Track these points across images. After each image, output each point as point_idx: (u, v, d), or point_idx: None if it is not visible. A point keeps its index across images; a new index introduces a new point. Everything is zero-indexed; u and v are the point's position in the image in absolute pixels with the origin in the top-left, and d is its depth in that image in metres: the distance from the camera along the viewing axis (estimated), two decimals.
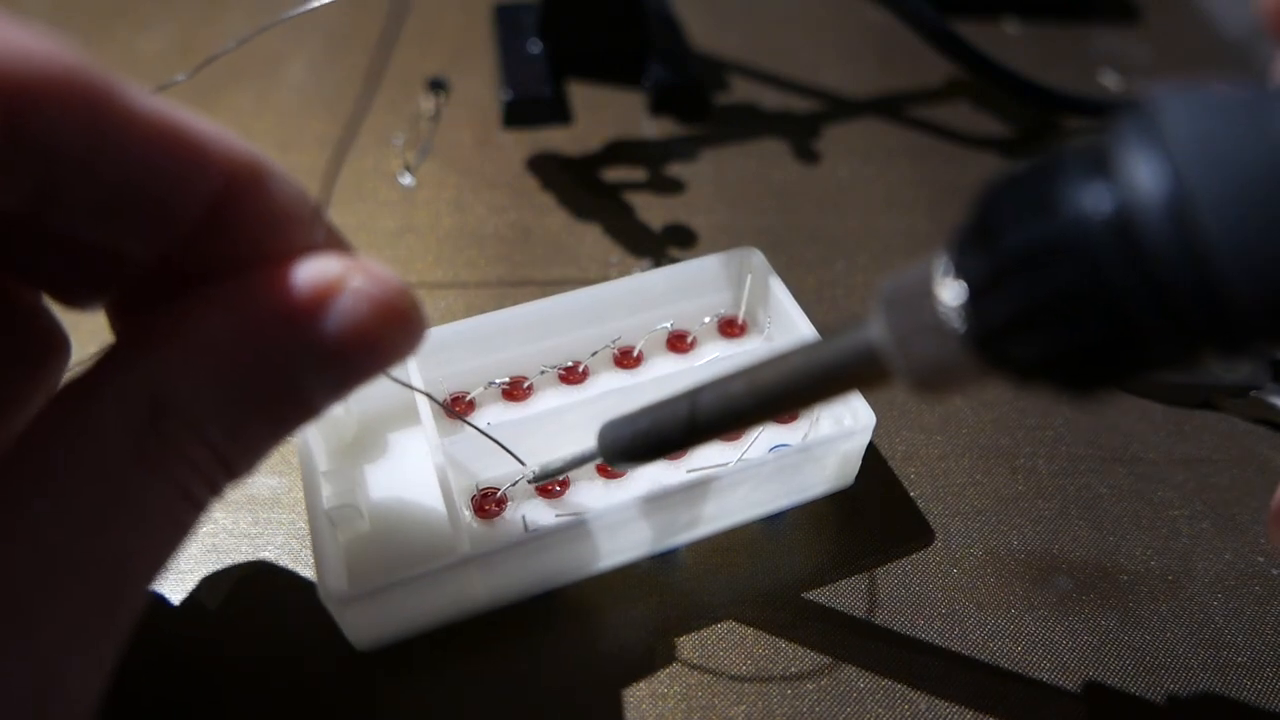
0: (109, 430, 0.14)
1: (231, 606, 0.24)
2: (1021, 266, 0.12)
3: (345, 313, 0.15)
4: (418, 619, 0.23)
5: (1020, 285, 0.12)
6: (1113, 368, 0.12)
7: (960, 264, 0.13)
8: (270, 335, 0.15)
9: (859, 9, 0.48)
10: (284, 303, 0.15)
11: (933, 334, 0.14)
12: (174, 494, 0.15)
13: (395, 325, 0.16)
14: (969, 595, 0.25)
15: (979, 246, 0.13)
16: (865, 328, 0.15)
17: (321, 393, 0.16)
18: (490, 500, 0.26)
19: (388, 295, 0.16)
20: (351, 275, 0.16)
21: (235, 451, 0.15)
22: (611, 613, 0.25)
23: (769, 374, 0.17)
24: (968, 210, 0.13)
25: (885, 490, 0.28)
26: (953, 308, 0.13)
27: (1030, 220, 0.12)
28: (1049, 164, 0.12)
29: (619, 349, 0.30)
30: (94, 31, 0.44)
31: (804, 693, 0.23)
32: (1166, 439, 0.30)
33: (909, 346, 0.14)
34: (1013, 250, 0.12)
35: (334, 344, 0.15)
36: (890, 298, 0.15)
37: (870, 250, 0.36)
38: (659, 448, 0.20)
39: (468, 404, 0.28)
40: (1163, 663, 0.24)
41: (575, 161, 0.39)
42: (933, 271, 0.14)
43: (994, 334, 0.13)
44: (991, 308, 0.13)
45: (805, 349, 0.17)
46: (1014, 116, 0.43)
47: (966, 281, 0.13)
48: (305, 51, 0.44)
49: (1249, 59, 0.48)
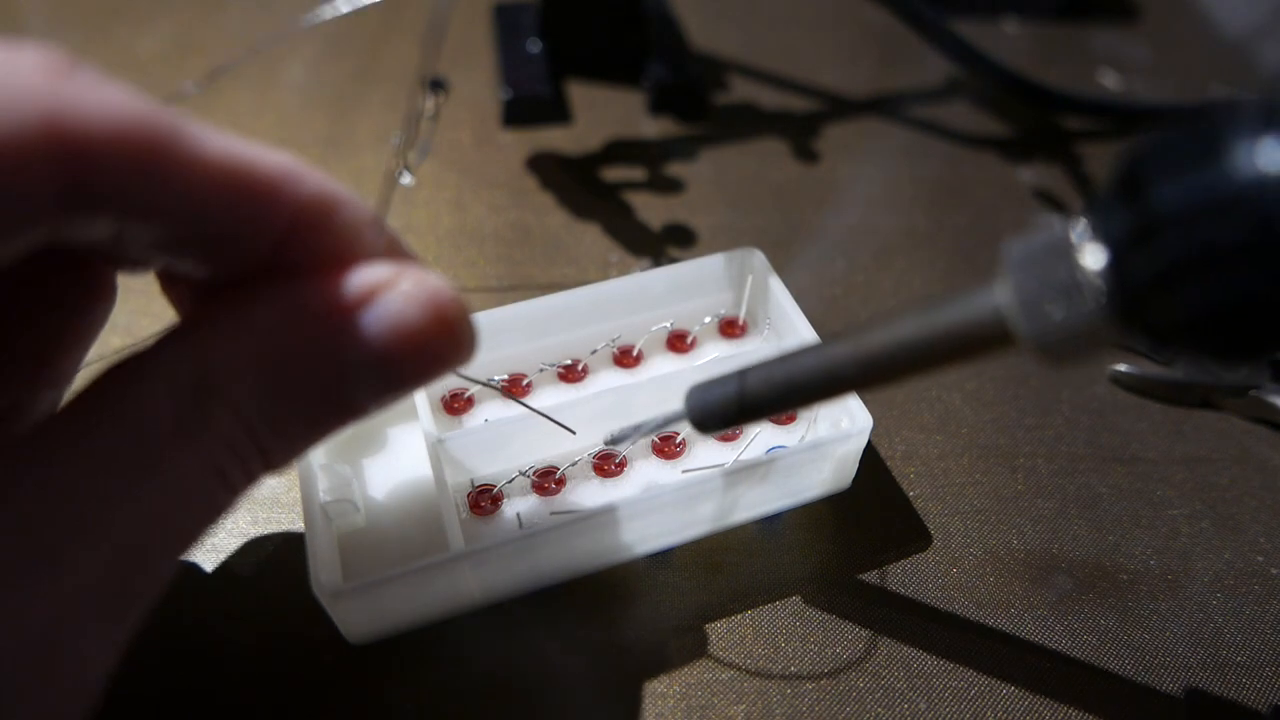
0: (152, 401, 0.14)
1: (228, 601, 0.24)
2: (1178, 222, 0.12)
3: (390, 313, 0.16)
4: (412, 614, 0.23)
5: (1175, 241, 0.12)
6: (1271, 328, 0.12)
7: (1102, 223, 0.13)
8: (315, 327, 0.16)
9: (859, 9, 0.48)
10: (332, 299, 0.16)
11: (1066, 296, 0.13)
12: (208, 471, 0.15)
13: (442, 332, 0.16)
14: (968, 595, 0.25)
15: (1126, 204, 0.13)
16: (987, 292, 0.15)
17: (364, 392, 0.16)
18: (486, 497, 0.26)
19: (436, 300, 0.16)
20: (402, 279, 0.16)
21: (273, 440, 0.16)
22: (608, 612, 0.24)
23: (876, 339, 0.16)
24: (1111, 171, 0.13)
25: (884, 490, 0.28)
26: (1093, 268, 0.13)
27: (1191, 176, 0.12)
28: (1212, 121, 0.12)
29: (619, 348, 0.30)
30: (93, 31, 0.44)
31: (804, 693, 0.23)
32: (1166, 439, 0.30)
33: (1039, 310, 0.14)
34: (1168, 206, 0.12)
35: (377, 342, 0.16)
36: (1018, 260, 0.14)
37: (870, 250, 0.36)
38: (750, 411, 0.19)
39: (467, 400, 0.28)
40: (1162, 662, 0.24)
41: (575, 161, 0.39)
42: (1067, 232, 0.13)
43: (1139, 292, 0.12)
44: (1139, 265, 0.12)
45: (918, 314, 0.16)
46: (1014, 116, 0.43)
47: (1109, 241, 0.13)
48: (305, 51, 0.44)
49: (1248, 59, 0.48)
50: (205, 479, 0.15)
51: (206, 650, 0.23)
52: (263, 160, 0.15)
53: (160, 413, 0.14)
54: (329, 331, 0.16)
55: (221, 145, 0.14)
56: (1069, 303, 0.13)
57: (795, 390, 0.18)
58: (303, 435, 0.16)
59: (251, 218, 0.15)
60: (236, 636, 0.23)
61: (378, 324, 0.16)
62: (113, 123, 0.13)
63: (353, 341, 0.16)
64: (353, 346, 0.16)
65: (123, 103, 0.13)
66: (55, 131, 0.12)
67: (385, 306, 0.16)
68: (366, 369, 0.16)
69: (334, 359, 0.16)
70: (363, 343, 0.16)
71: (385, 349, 0.16)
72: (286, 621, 0.24)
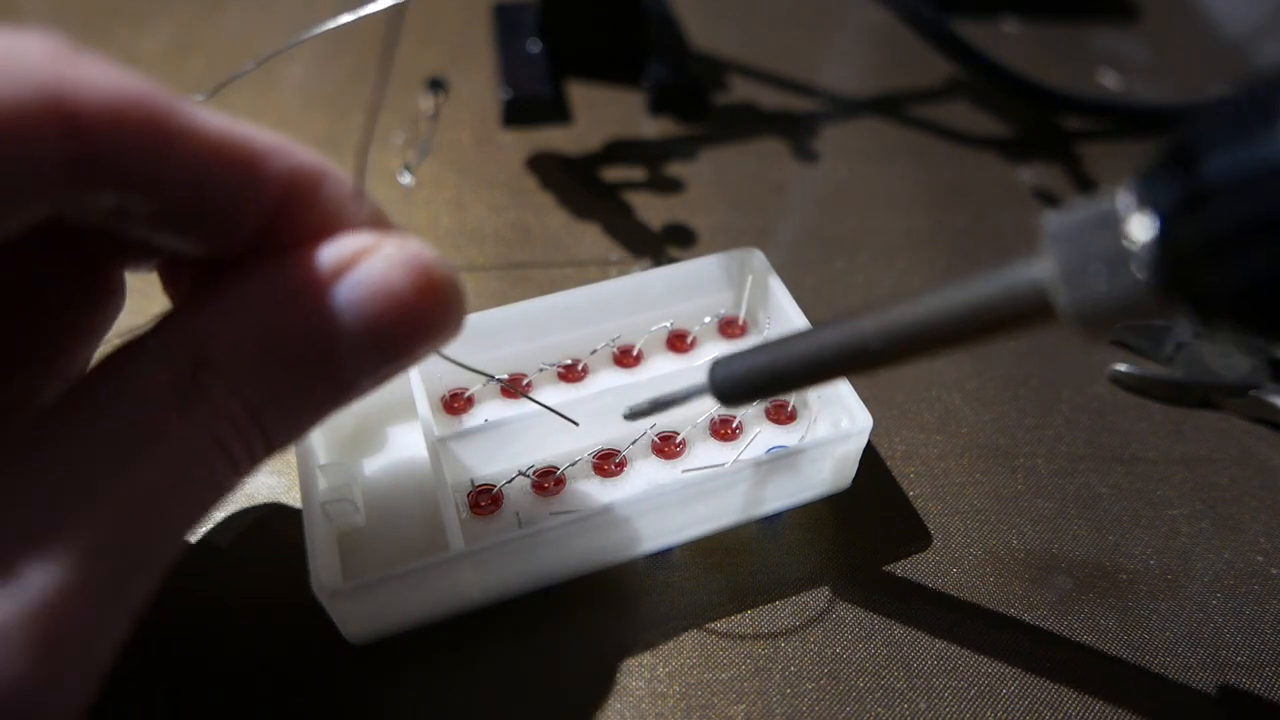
0: (152, 378, 0.15)
1: (227, 601, 0.24)
2: (1231, 191, 0.12)
3: (371, 277, 0.16)
4: (411, 614, 0.23)
5: (1227, 210, 0.12)
6: None
7: (1150, 192, 0.13)
8: (299, 297, 0.16)
9: (859, 9, 0.48)
10: (314, 268, 0.16)
11: (1110, 267, 0.13)
12: (209, 446, 0.15)
13: (428, 295, 0.16)
14: (968, 595, 0.25)
15: (1176, 174, 0.13)
16: (1026, 266, 0.15)
17: (356, 364, 0.16)
18: (485, 496, 0.26)
19: (419, 262, 0.16)
20: (383, 244, 0.16)
21: (272, 416, 0.16)
22: (608, 611, 0.24)
23: (906, 314, 0.16)
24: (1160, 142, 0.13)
25: (884, 489, 0.28)
26: (1141, 238, 0.13)
27: (1244, 145, 0.12)
28: (1264, 90, 0.12)
29: (619, 348, 0.30)
30: (92, 30, 0.44)
31: (804, 692, 0.23)
32: (1166, 438, 0.30)
33: (1082, 281, 0.14)
34: (1221, 174, 0.12)
35: (361, 308, 0.16)
36: (1060, 232, 0.14)
37: (870, 249, 0.36)
38: (770, 385, 0.19)
39: (467, 400, 0.28)
40: (1162, 662, 0.24)
41: (575, 161, 0.39)
42: (1113, 203, 0.13)
43: (1189, 262, 0.12)
44: (1189, 234, 0.12)
45: (954, 288, 0.16)
46: (1013, 116, 0.43)
47: (1157, 210, 0.13)
48: (305, 51, 0.44)
49: (1248, 59, 0.48)
50: (206, 452, 0.15)
51: (206, 650, 0.23)
52: (254, 134, 0.15)
53: (158, 387, 0.15)
54: (312, 301, 0.16)
55: (215, 120, 0.15)
56: (1114, 273, 0.13)
57: (821, 364, 0.18)
58: (302, 411, 0.16)
59: (244, 186, 0.15)
60: (236, 636, 0.23)
61: (360, 289, 0.16)
62: (114, 97, 0.13)
63: (337, 310, 0.16)
64: (338, 315, 0.16)
65: (123, 79, 0.14)
66: (61, 106, 0.13)
67: (366, 271, 0.16)
68: (355, 338, 0.16)
69: (321, 329, 0.16)
70: (347, 310, 0.16)
71: (370, 315, 0.16)
72: (286, 621, 0.24)
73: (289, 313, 0.16)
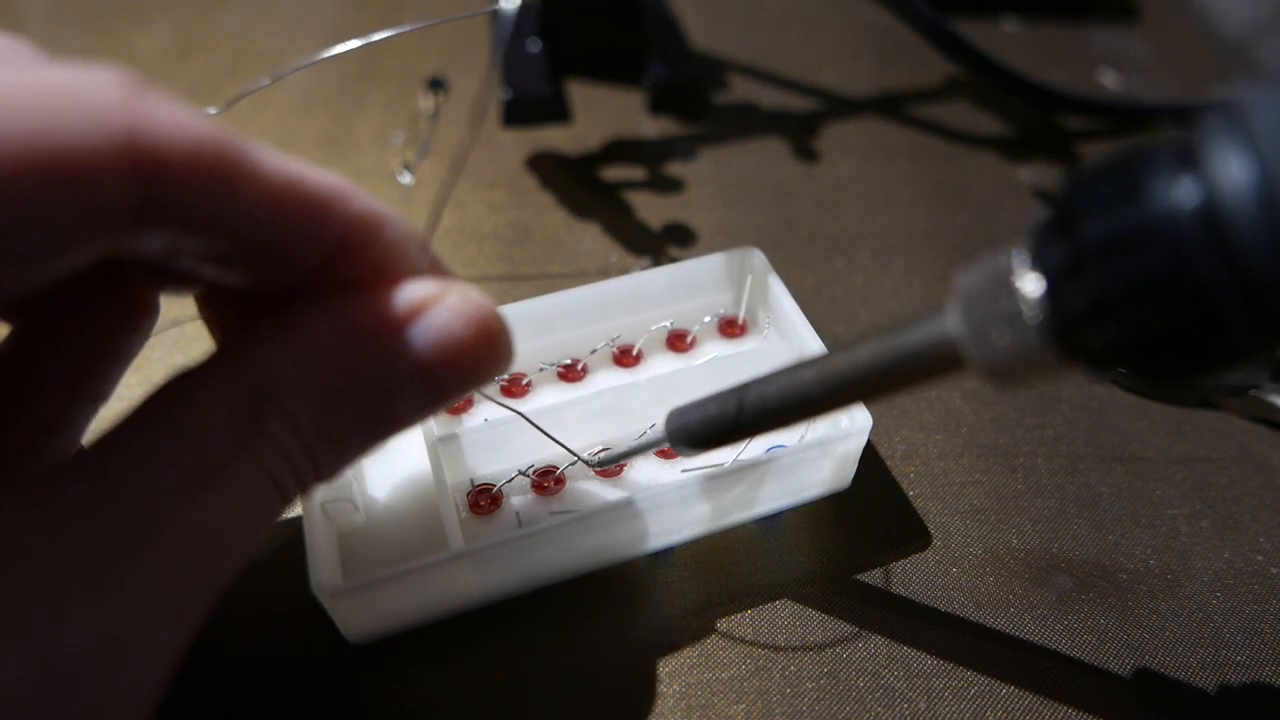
0: (212, 415, 0.15)
1: (227, 601, 0.24)
2: (1106, 254, 0.12)
3: (437, 326, 0.16)
4: (411, 613, 0.23)
5: (1103, 272, 0.12)
6: (1191, 355, 0.13)
7: (1040, 254, 0.14)
8: (367, 342, 0.16)
9: (859, 9, 0.48)
10: (385, 314, 0.16)
11: (1009, 324, 0.14)
12: (264, 482, 0.15)
13: (484, 344, 0.17)
14: (968, 595, 0.25)
15: (1061, 236, 0.13)
16: (939, 319, 0.15)
17: (409, 403, 0.17)
18: (485, 496, 0.26)
19: (480, 314, 0.17)
20: (448, 294, 0.17)
21: (325, 452, 0.16)
22: (608, 611, 0.24)
23: (840, 364, 0.17)
24: (1049, 205, 0.14)
25: (884, 489, 0.28)
26: (1031, 297, 0.14)
27: (1117, 210, 0.12)
28: (1135, 158, 0.13)
29: (618, 347, 0.30)
30: (92, 30, 0.44)
31: (804, 692, 0.23)
32: (1166, 438, 0.30)
33: (985, 337, 0.14)
34: (1098, 238, 0.13)
35: (424, 355, 0.16)
36: (966, 290, 0.15)
37: (869, 249, 0.36)
38: (724, 435, 0.20)
39: (467, 400, 0.28)
40: (1162, 661, 0.24)
41: (574, 160, 0.39)
42: (1009, 262, 0.14)
43: (1073, 321, 0.13)
44: (1072, 295, 0.13)
45: (877, 340, 0.17)
46: (1013, 116, 0.43)
47: (1046, 271, 0.13)
48: (305, 51, 0.44)
49: (1248, 59, 0.48)
50: (262, 489, 0.15)
51: (205, 650, 0.23)
52: (316, 178, 0.15)
53: (219, 424, 0.15)
54: (380, 345, 0.16)
55: (279, 163, 0.15)
56: (1012, 329, 0.14)
57: (765, 414, 0.19)
58: (354, 446, 0.17)
59: (304, 232, 0.15)
60: (235, 636, 0.23)
61: (425, 337, 0.16)
62: (185, 140, 0.13)
63: (401, 354, 0.16)
64: (401, 359, 0.16)
65: (195, 122, 0.14)
66: (133, 146, 0.13)
67: (433, 320, 0.16)
68: (413, 381, 0.16)
69: (384, 372, 0.16)
70: (411, 355, 0.16)
71: (431, 361, 0.16)
72: (286, 621, 0.24)
73: (358, 354, 0.16)
